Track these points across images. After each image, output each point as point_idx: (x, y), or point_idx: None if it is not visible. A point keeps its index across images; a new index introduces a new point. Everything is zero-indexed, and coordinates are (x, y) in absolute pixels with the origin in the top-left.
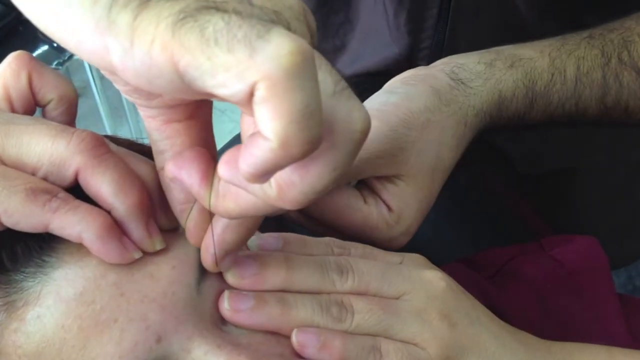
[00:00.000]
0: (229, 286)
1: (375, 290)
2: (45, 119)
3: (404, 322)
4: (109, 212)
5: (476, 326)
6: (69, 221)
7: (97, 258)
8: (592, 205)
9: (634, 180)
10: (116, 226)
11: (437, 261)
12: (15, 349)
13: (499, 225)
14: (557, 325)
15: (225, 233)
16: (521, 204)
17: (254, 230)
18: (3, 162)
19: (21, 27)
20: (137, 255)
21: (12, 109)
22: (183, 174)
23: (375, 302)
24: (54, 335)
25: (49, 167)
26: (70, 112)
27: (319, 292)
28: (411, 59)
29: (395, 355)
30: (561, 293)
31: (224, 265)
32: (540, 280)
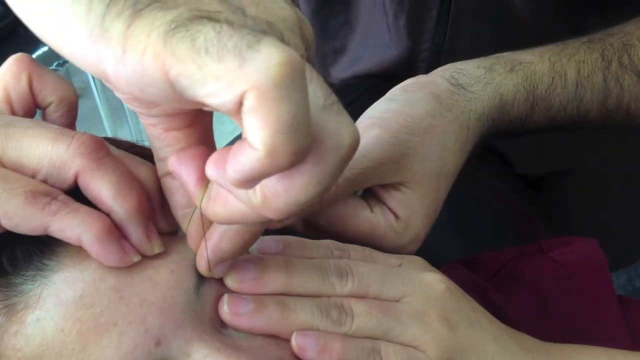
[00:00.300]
0: (228, 290)
1: (375, 293)
2: (46, 121)
3: (403, 325)
4: (109, 215)
5: (476, 328)
6: (69, 224)
7: (96, 261)
8: (591, 206)
9: (632, 182)
10: (115, 229)
11: (436, 263)
12: (15, 352)
13: (497, 227)
14: (556, 327)
15: (222, 241)
16: (520, 206)
17: (250, 241)
18: (3, 165)
19: (21, 29)
20: (136, 258)
21: (13, 112)
22: (182, 170)
23: (375, 305)
24: (53, 338)
25: (48, 170)
26: (70, 115)
27: (318, 296)
28: (411, 60)
29: (395, 358)
30: (561, 294)
31: (218, 271)
32: (540, 281)
